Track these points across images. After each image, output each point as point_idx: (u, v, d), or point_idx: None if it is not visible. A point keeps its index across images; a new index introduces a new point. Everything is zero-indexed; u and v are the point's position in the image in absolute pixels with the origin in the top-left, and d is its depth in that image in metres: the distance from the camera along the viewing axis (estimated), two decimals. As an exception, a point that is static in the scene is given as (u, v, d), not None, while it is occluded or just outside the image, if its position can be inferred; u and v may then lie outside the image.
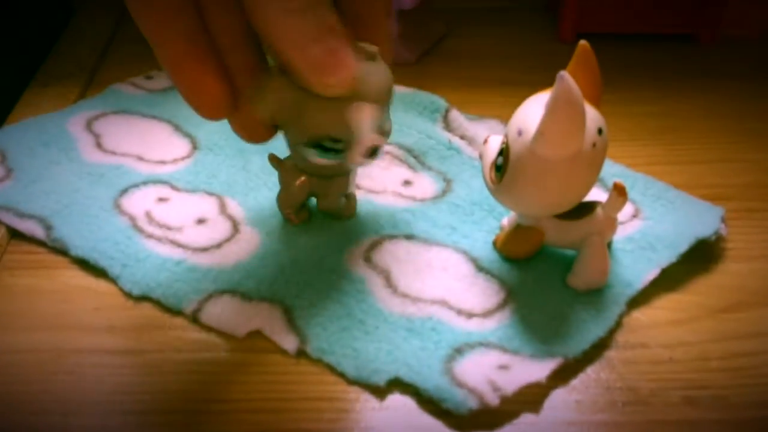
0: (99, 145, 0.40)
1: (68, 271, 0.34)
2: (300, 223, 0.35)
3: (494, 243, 0.34)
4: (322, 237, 0.35)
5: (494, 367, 0.29)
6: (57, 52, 0.50)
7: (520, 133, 0.30)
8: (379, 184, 0.38)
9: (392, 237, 0.35)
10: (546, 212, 0.32)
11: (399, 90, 0.43)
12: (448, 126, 0.42)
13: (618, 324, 0.31)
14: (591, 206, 0.32)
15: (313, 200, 0.36)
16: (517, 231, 0.33)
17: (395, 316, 0.31)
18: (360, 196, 0.37)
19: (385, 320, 0.31)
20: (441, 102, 0.43)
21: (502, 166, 0.30)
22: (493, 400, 0.27)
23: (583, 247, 0.32)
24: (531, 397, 0.28)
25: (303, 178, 0.34)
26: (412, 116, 0.42)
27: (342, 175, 0.34)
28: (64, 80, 0.47)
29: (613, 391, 0.29)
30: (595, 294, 0.32)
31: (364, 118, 0.30)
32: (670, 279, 0.33)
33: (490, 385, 0.28)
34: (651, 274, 0.33)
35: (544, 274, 0.33)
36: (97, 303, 0.32)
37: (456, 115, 0.42)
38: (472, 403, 0.27)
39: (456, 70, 0.49)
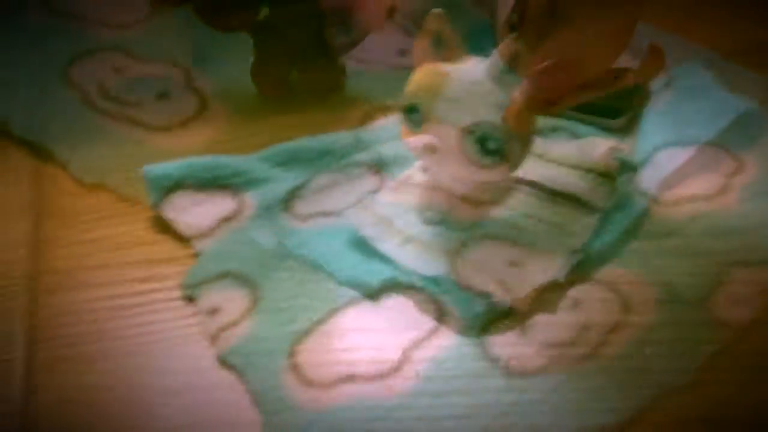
0: (48, 6, 0.36)
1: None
2: (277, 97, 0.32)
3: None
4: (305, 114, 0.31)
5: (504, 264, 0.25)
6: None
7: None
8: (372, 55, 0.34)
9: (386, 109, 0.31)
10: None
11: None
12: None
13: (645, 214, 0.27)
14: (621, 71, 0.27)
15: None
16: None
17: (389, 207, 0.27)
18: (348, 68, 0.33)
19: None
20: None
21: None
22: (503, 301, 0.24)
23: None
24: (547, 296, 0.25)
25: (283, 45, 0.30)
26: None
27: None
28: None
29: (647, 288, 0.25)
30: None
31: None
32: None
33: (499, 285, 0.24)
34: (683, 156, 0.29)
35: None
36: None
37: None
38: (480, 307, 0.24)
39: None
